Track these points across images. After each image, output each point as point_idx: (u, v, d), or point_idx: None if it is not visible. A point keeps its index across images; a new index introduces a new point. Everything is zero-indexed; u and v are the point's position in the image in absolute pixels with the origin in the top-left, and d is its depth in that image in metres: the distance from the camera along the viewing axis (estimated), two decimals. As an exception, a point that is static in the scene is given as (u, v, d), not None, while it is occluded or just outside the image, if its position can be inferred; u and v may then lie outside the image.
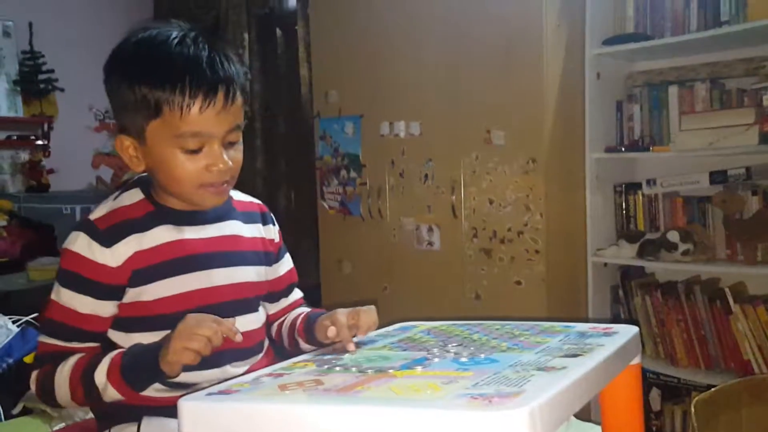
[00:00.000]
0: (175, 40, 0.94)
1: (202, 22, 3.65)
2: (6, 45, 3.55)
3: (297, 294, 1.21)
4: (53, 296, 0.98)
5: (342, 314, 0.99)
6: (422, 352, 0.89)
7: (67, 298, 0.96)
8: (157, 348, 0.90)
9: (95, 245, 0.95)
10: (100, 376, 0.92)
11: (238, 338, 0.91)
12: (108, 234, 0.96)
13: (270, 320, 1.17)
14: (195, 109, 0.92)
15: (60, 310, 0.96)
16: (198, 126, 0.93)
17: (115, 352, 0.94)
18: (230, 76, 0.95)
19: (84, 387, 0.93)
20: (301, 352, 1.06)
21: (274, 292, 1.15)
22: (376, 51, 2.69)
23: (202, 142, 0.94)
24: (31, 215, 3.25)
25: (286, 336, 1.15)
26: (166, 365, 0.89)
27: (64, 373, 0.94)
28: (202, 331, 0.87)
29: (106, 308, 0.98)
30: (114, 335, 1.00)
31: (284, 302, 1.18)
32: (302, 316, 1.13)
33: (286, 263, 1.18)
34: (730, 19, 2.07)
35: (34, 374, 0.97)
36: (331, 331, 0.98)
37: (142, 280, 0.97)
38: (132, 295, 0.97)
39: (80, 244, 0.96)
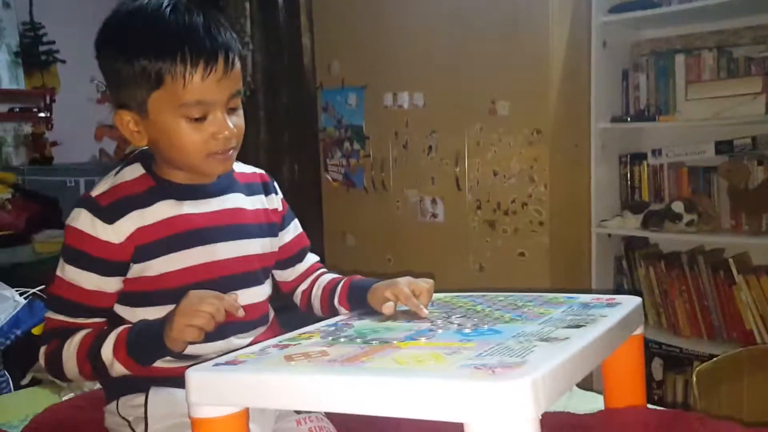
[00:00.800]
0: (168, 8, 0.93)
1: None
2: (6, 16, 3.52)
3: (312, 258, 1.20)
4: (58, 272, 0.98)
5: (404, 285, 0.99)
6: (426, 324, 0.90)
7: (72, 274, 0.97)
8: (161, 324, 0.91)
9: (98, 222, 0.95)
10: (107, 352, 0.93)
11: (240, 313, 0.92)
12: (110, 210, 0.96)
13: (289, 287, 1.18)
14: (197, 77, 0.91)
15: (65, 286, 0.97)
16: (201, 94, 0.92)
17: (121, 328, 0.95)
18: (227, 42, 0.94)
19: (91, 363, 0.94)
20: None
21: (284, 258, 1.15)
22: (379, 21, 2.66)
23: (205, 110, 0.94)
24: (36, 188, 3.25)
25: (319, 302, 1.14)
26: (171, 342, 0.90)
27: (71, 349, 0.95)
28: (204, 307, 0.88)
29: (111, 284, 0.98)
30: (120, 310, 1.00)
31: (300, 267, 1.18)
32: (342, 284, 1.12)
33: (293, 229, 1.17)
34: (739, -14, 2.04)
35: (42, 349, 0.99)
36: (388, 308, 0.98)
37: (145, 255, 0.97)
38: (136, 270, 0.98)
39: (83, 220, 0.96)
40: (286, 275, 1.17)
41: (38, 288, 2.28)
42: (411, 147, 2.62)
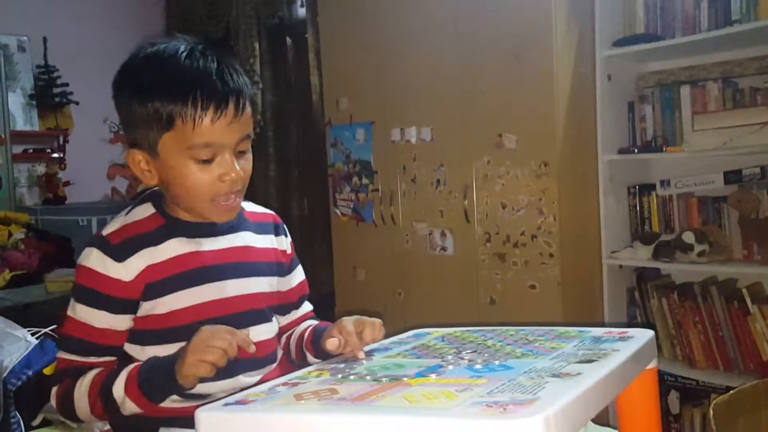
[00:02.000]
0: (184, 54, 0.96)
1: (213, 33, 3.68)
2: (21, 60, 3.60)
3: (307, 307, 1.21)
4: (69, 312, 0.99)
5: (348, 322, 1.00)
6: (436, 360, 0.89)
7: (82, 313, 0.98)
8: (173, 361, 0.91)
9: (108, 260, 0.97)
10: (118, 390, 0.93)
11: (252, 349, 0.92)
12: (120, 249, 0.97)
13: (280, 332, 1.17)
14: (207, 120, 0.93)
15: (76, 325, 0.98)
16: (210, 137, 0.94)
17: (132, 365, 0.96)
18: (239, 87, 0.97)
19: (102, 401, 0.94)
20: (308, 365, 1.06)
21: (285, 303, 1.16)
22: (385, 57, 2.70)
23: (214, 152, 0.96)
24: (48, 227, 3.29)
25: (294, 348, 1.15)
26: (183, 378, 0.89)
27: (82, 388, 0.96)
28: (216, 343, 0.88)
29: (121, 322, 0.99)
30: (129, 348, 1.00)
31: (295, 314, 1.18)
32: (310, 328, 1.14)
33: (298, 275, 1.18)
34: (741, 18, 2.05)
35: (54, 390, 0.99)
36: (332, 344, 0.97)
37: (155, 293, 0.98)
38: (146, 308, 0.98)
39: (93, 259, 0.97)
40: (281, 320, 1.17)
41: (50, 328, 2.28)
42: (419, 180, 2.63)
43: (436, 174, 2.58)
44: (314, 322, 1.18)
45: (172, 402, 0.96)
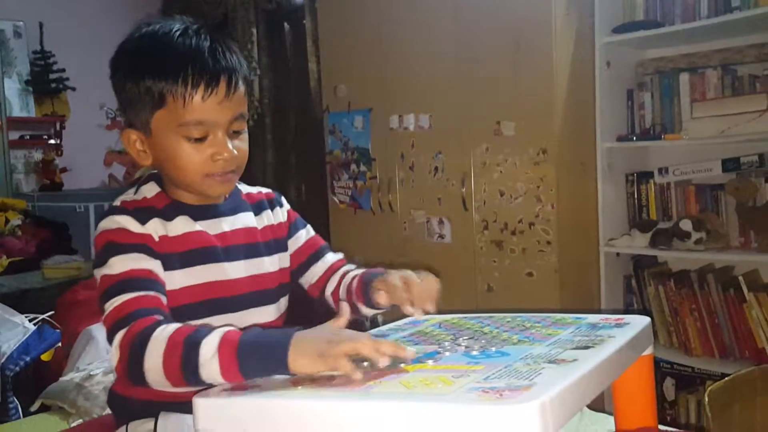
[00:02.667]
0: (177, 32, 0.95)
1: (210, 19, 3.66)
2: (17, 45, 3.58)
3: (332, 257, 1.17)
4: (105, 272, 0.91)
5: (394, 277, 1.00)
6: (433, 346, 0.90)
7: (119, 264, 0.91)
8: (283, 342, 0.80)
9: (131, 220, 0.95)
10: (209, 347, 0.81)
11: (409, 355, 0.81)
12: (138, 214, 0.97)
13: (316, 291, 1.15)
14: (198, 97, 0.93)
15: (117, 275, 0.91)
16: (201, 114, 0.94)
17: (228, 327, 0.84)
18: (232, 65, 0.96)
19: (184, 353, 0.81)
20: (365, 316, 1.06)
21: (299, 264, 1.14)
22: (384, 44, 2.68)
23: (206, 130, 0.95)
24: (45, 214, 3.29)
25: (347, 301, 1.11)
26: (298, 365, 0.78)
27: (164, 332, 0.84)
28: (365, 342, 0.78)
29: (160, 268, 0.94)
30: None
31: (319, 268, 1.16)
32: (357, 278, 1.10)
33: (304, 233, 1.16)
34: (741, 5, 2.04)
35: (119, 336, 0.86)
36: (383, 298, 0.98)
37: (167, 265, 0.97)
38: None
39: (117, 221, 0.95)
40: (308, 279, 1.15)
41: (48, 314, 2.29)
42: (417, 168, 2.63)
43: (435, 161, 2.57)
44: (358, 270, 1.13)
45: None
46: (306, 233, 1.17)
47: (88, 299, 2.27)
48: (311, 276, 1.16)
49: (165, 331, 0.84)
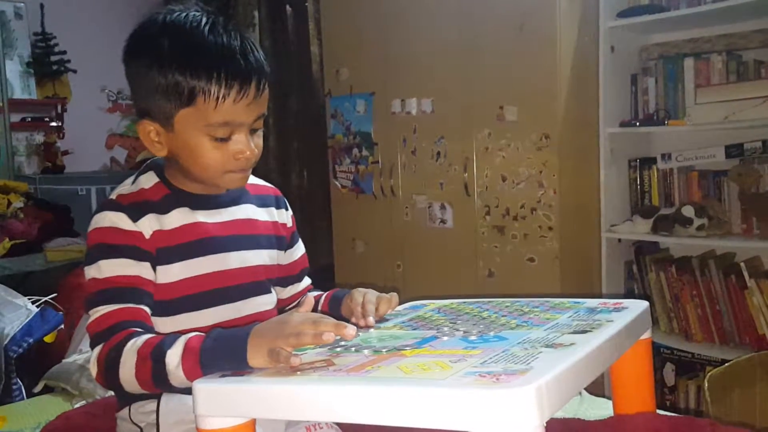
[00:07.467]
0: (207, 27, 0.93)
1: (213, 1, 3.64)
2: (18, 27, 3.56)
3: (307, 281, 1.21)
4: (93, 274, 0.93)
5: (374, 294, 1.03)
6: (432, 331, 0.90)
7: (108, 268, 0.93)
8: (242, 337, 0.83)
9: (123, 216, 0.95)
10: (173, 356, 0.85)
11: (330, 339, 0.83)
12: (132, 209, 0.96)
13: (281, 305, 1.17)
14: (230, 99, 0.92)
15: (104, 280, 0.92)
16: (230, 116, 0.93)
17: (190, 334, 0.87)
18: (261, 66, 0.96)
19: (152, 364, 0.85)
20: None
21: (287, 276, 1.16)
22: (386, 28, 2.66)
23: (231, 130, 0.95)
24: (47, 196, 3.29)
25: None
26: (255, 359, 0.81)
27: (134, 346, 0.87)
28: (307, 329, 0.81)
29: (147, 271, 0.95)
30: None
31: (296, 287, 1.19)
32: (326, 295, 1.14)
33: (300, 249, 1.18)
34: (747, -11, 2.02)
35: (97, 350, 0.90)
36: (346, 310, 1.02)
37: (162, 259, 0.97)
38: (158, 273, 0.97)
39: (109, 218, 0.95)
40: (281, 293, 1.16)
41: (50, 296, 2.30)
42: (419, 153, 2.62)
43: (437, 146, 2.57)
44: (320, 292, 1.18)
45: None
46: (301, 248, 1.19)
47: (90, 282, 2.27)
48: (288, 291, 1.18)
49: (135, 344, 0.87)
